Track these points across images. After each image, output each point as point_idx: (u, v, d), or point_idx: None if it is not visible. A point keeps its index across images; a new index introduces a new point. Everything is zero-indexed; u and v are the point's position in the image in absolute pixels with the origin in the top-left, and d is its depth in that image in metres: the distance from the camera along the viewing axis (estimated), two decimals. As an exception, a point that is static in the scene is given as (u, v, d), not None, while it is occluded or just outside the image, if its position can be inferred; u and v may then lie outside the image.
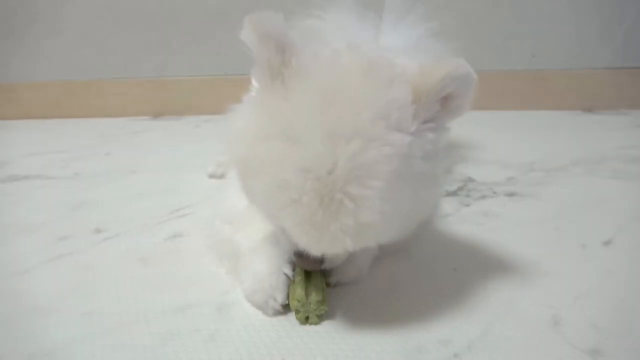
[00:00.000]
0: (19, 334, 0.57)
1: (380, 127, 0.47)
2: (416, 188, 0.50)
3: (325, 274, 0.62)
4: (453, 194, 0.97)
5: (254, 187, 0.52)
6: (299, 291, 0.57)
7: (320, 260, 0.57)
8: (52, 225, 0.87)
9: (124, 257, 0.74)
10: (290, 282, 0.59)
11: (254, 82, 0.56)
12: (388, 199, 0.47)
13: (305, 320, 0.56)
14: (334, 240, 0.49)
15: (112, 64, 1.79)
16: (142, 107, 1.79)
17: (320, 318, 0.57)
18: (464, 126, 0.58)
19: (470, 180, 1.03)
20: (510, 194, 0.97)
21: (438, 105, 0.51)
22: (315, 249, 0.52)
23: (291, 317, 0.57)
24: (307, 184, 0.47)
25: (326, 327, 0.56)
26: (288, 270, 0.59)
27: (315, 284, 0.58)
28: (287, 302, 0.58)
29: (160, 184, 1.08)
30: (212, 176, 1.08)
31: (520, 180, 1.03)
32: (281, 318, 0.58)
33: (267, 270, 0.59)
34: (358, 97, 0.48)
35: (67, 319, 0.60)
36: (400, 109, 0.48)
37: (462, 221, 0.85)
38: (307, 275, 0.59)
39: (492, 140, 1.33)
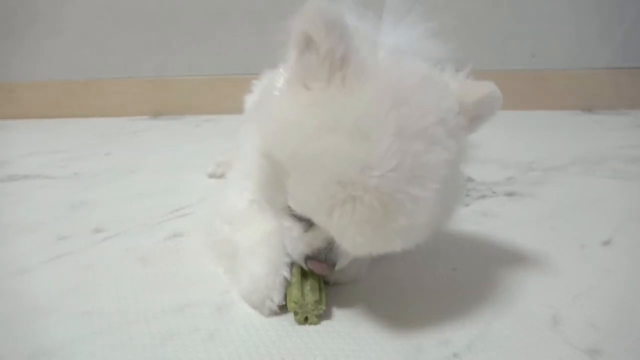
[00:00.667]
0: (19, 334, 0.57)
1: (441, 132, 0.49)
2: (453, 193, 0.53)
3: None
4: (453, 193, 0.97)
5: (304, 184, 0.50)
6: (295, 292, 0.57)
7: (332, 264, 0.56)
8: (51, 225, 0.87)
9: (123, 257, 0.74)
10: (288, 283, 0.59)
11: (282, 69, 0.56)
12: (440, 201, 0.49)
13: (305, 321, 0.56)
14: (387, 240, 0.49)
15: (112, 63, 1.79)
16: (142, 107, 1.79)
17: (320, 318, 0.57)
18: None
19: (470, 180, 1.03)
20: (510, 194, 0.97)
21: (468, 121, 0.54)
22: (363, 250, 0.51)
23: (291, 316, 0.57)
24: (372, 181, 0.46)
25: (326, 327, 0.56)
26: (285, 272, 0.59)
27: (312, 284, 0.58)
28: (284, 304, 0.58)
29: (160, 183, 1.09)
30: (211, 176, 1.08)
31: (520, 180, 1.04)
32: (281, 318, 0.58)
33: (264, 271, 0.59)
34: (424, 100, 0.49)
35: (66, 318, 0.60)
36: (455, 118, 0.51)
37: (461, 221, 0.84)
38: (304, 275, 0.59)
39: (491, 140, 1.32)
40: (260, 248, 0.61)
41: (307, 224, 0.55)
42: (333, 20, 0.48)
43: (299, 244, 0.57)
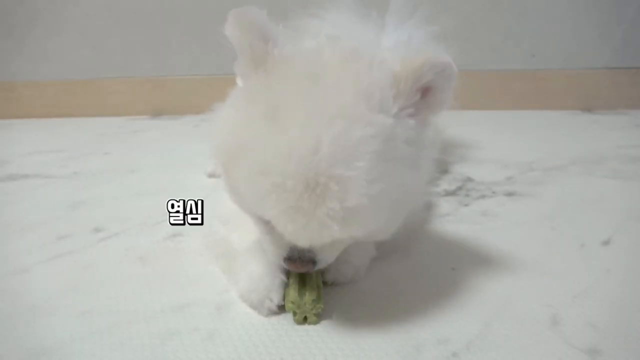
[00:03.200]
0: (19, 333, 0.57)
1: (363, 107, 0.48)
2: (400, 172, 0.50)
3: (321, 272, 0.61)
4: (452, 193, 0.97)
5: (237, 178, 0.51)
6: (292, 293, 0.56)
7: (312, 261, 0.54)
8: (51, 225, 0.87)
9: (123, 256, 0.74)
10: (285, 284, 0.59)
11: (238, 80, 0.57)
12: (373, 181, 0.46)
13: (304, 320, 0.56)
14: (321, 226, 0.47)
15: (111, 63, 1.79)
16: (141, 107, 1.79)
17: (319, 318, 0.57)
18: (464, 126, 0.58)
19: (469, 180, 1.03)
20: (509, 194, 0.97)
21: (418, 95, 0.51)
22: (302, 238, 0.49)
23: (290, 316, 0.57)
24: (290, 167, 0.45)
25: (325, 327, 0.56)
26: (283, 272, 0.59)
27: (310, 284, 0.58)
28: (283, 304, 0.58)
29: (159, 183, 1.08)
30: (211, 175, 1.08)
31: (519, 180, 1.03)
32: (280, 317, 0.58)
33: (262, 271, 0.59)
34: (340, 79, 0.49)
35: (66, 317, 0.60)
36: (382, 90, 0.49)
37: (461, 221, 0.85)
38: (301, 276, 0.59)
39: (491, 139, 1.33)
40: (258, 248, 0.61)
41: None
42: (251, 23, 0.51)
43: (272, 247, 0.55)
